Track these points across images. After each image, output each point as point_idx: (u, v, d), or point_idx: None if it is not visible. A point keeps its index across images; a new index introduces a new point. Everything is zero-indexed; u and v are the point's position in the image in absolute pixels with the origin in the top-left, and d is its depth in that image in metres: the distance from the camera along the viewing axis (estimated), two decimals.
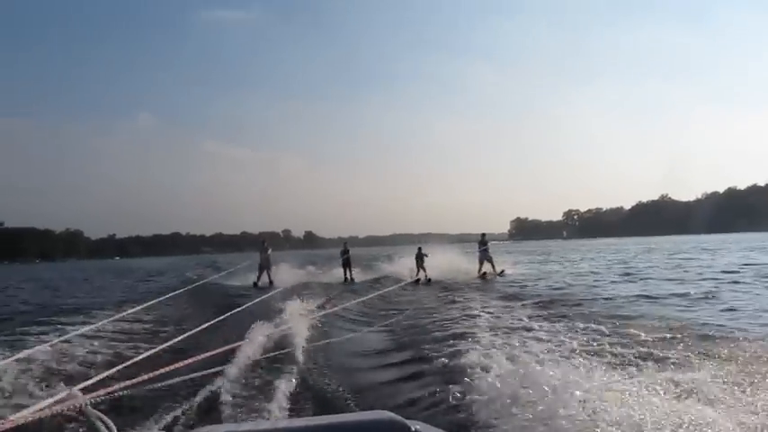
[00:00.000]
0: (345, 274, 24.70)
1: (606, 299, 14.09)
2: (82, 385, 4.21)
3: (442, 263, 25.29)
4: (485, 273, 23.12)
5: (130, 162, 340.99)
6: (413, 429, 1.96)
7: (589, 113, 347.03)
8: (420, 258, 23.20)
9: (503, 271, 23.45)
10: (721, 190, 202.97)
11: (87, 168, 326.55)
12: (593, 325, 9.29)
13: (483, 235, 24.30)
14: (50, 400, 3.36)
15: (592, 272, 24.44)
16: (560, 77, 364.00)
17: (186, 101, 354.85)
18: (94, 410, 3.03)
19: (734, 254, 34.39)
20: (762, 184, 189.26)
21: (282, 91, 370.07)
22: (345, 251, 25.18)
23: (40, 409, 3.21)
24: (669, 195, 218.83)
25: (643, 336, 8.25)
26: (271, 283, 21.95)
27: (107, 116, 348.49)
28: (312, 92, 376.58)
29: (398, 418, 2.01)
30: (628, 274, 21.57)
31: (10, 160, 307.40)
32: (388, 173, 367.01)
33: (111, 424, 2.79)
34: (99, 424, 2.78)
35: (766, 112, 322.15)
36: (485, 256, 23.62)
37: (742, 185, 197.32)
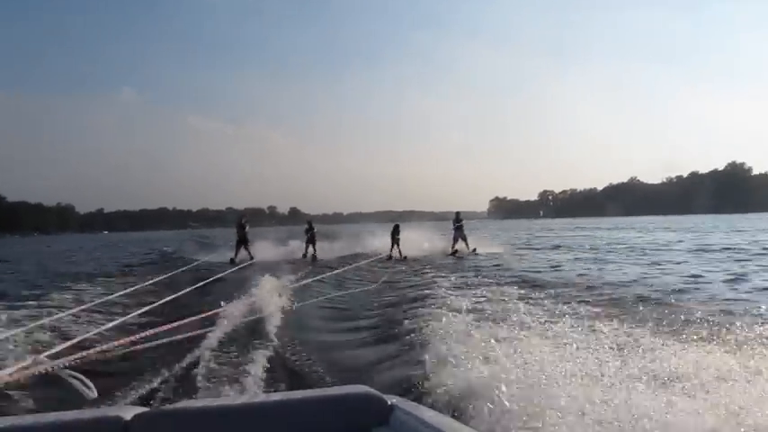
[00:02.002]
0: (306, 251, 23.90)
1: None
2: (54, 350, 4.34)
3: (418, 240, 25.37)
4: (456, 250, 23.26)
5: (115, 136, 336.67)
6: (389, 403, 1.98)
7: (573, 94, 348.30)
8: (395, 235, 23.26)
9: (474, 249, 23.41)
10: (685, 174, 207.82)
11: (72, 142, 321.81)
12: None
13: (458, 213, 24.08)
14: (16, 366, 3.39)
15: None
16: (546, 58, 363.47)
17: (170, 75, 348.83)
18: (68, 371, 3.14)
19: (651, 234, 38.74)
20: (720, 168, 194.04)
21: (267, 67, 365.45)
22: (310, 228, 24.34)
23: (8, 375, 3.31)
24: (638, 178, 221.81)
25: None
26: (251, 258, 21.41)
27: (90, 90, 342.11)
28: (298, 68, 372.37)
29: (375, 391, 2.02)
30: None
31: None
32: (374, 150, 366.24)
33: (89, 381, 2.89)
34: (75, 382, 2.88)
35: (746, 96, 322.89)
36: (459, 235, 23.63)
37: (706, 169, 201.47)
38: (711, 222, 63.71)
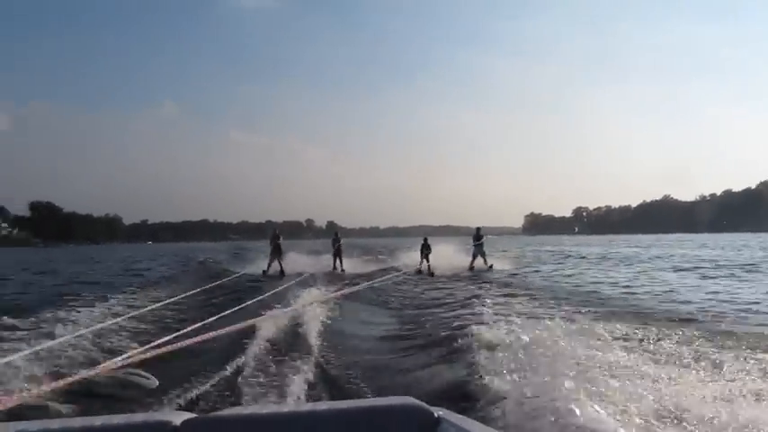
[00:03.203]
0: (334, 264, 23.63)
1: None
2: (112, 360, 4.53)
3: (446, 256, 25.44)
4: (473, 267, 23.18)
5: (157, 150, 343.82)
6: (436, 416, 1.92)
7: (609, 111, 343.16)
8: (425, 250, 23.22)
9: (491, 266, 23.19)
10: (719, 192, 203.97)
11: (117, 155, 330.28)
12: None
13: (478, 229, 23.94)
14: (99, 367, 3.67)
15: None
16: (583, 75, 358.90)
17: (210, 90, 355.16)
18: (127, 369, 3.36)
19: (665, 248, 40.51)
20: (753, 186, 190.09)
21: (306, 82, 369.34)
22: (336, 240, 24.02)
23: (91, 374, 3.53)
24: (671, 195, 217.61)
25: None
26: (282, 272, 21.28)
27: (132, 104, 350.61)
28: (336, 82, 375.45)
29: (422, 403, 1.96)
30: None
31: (39, 143, 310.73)
32: (411, 165, 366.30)
33: (148, 374, 3.11)
34: (136, 378, 3.12)
35: None
36: (478, 251, 23.54)
37: (739, 188, 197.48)
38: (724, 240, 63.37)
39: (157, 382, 3.07)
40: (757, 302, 11.96)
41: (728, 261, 26.51)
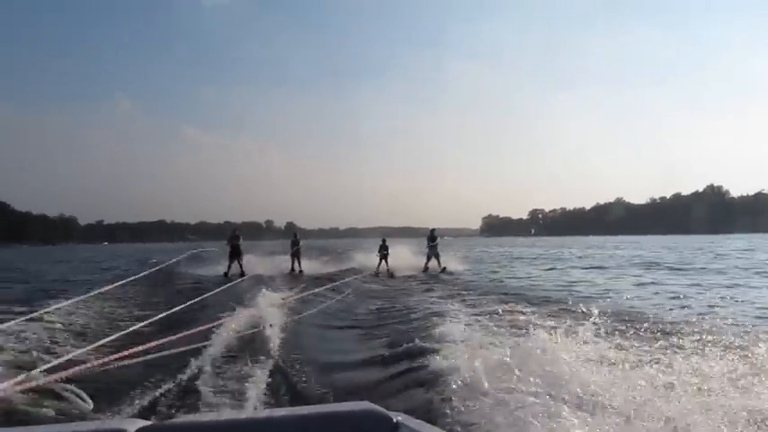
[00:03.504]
0: (293, 265, 23.52)
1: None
2: (49, 365, 4.31)
3: (404, 257, 25.67)
4: (428, 268, 23.38)
5: (112, 148, 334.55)
6: (394, 421, 1.89)
7: (566, 115, 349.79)
8: (383, 251, 23.38)
9: (444, 268, 23.37)
10: (668, 195, 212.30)
11: (69, 152, 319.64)
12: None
13: (432, 231, 24.10)
14: (9, 382, 3.29)
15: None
16: (542, 79, 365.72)
17: (166, 87, 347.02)
18: (63, 385, 3.12)
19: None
20: (701, 190, 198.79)
21: (267, 81, 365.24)
22: (296, 241, 23.81)
23: (4, 390, 3.19)
24: (624, 198, 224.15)
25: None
26: (243, 273, 20.49)
27: (87, 101, 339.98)
28: (297, 83, 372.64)
29: (380, 408, 1.93)
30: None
31: None
32: (370, 166, 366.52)
33: (84, 394, 2.84)
34: (70, 396, 2.88)
35: (729, 119, 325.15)
36: (432, 253, 23.67)
37: (688, 191, 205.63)
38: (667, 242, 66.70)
39: (91, 406, 2.93)
40: (612, 290, 15.60)
41: (634, 259, 31.29)
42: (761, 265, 24.86)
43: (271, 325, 8.44)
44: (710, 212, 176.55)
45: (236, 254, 21.61)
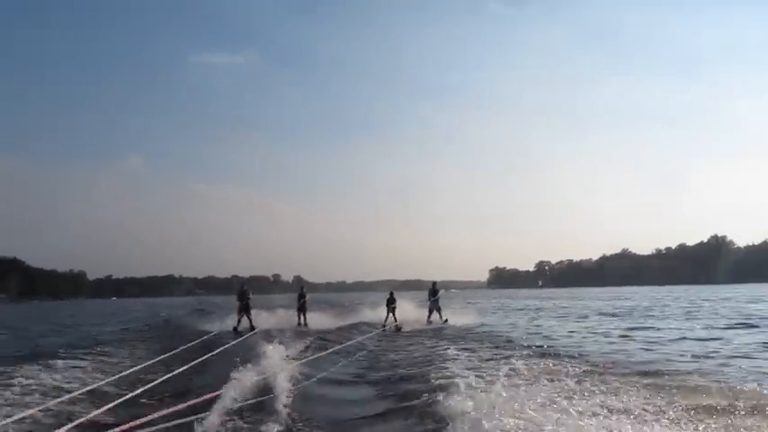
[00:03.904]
0: (299, 319, 23.52)
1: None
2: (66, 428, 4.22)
3: (405, 310, 25.64)
4: (431, 321, 23.67)
5: (121, 204, 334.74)
6: None
7: (572, 165, 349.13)
8: (390, 304, 23.32)
9: (446, 320, 23.79)
10: (674, 246, 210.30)
11: (79, 209, 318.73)
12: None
13: (434, 284, 24.39)
14: None
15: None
16: (549, 128, 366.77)
17: (175, 143, 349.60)
18: None
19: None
20: (705, 240, 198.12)
21: (273, 135, 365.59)
22: (302, 295, 23.86)
23: None
24: (630, 249, 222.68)
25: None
26: (252, 328, 20.91)
27: (96, 158, 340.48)
28: (303, 137, 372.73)
29: None
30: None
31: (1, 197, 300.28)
32: (378, 219, 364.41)
33: None
34: None
35: (734, 167, 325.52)
36: (434, 306, 24.01)
37: (693, 242, 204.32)
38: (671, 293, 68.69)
39: None
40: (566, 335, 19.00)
41: (618, 309, 34.80)
42: (704, 312, 28.97)
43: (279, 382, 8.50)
44: (715, 263, 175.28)
45: (245, 308, 21.62)
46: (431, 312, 23.93)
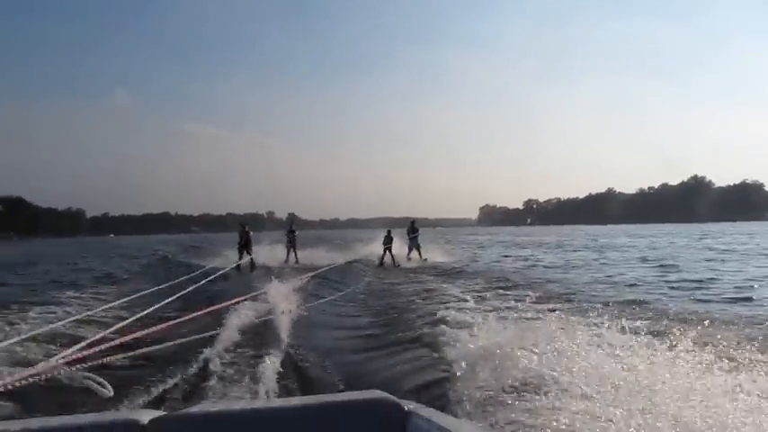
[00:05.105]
0: (287, 255, 23.31)
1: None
2: (67, 352, 4.22)
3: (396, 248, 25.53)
4: (410, 258, 23.37)
5: (112, 141, 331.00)
6: (406, 409, 1.90)
7: (560, 106, 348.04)
8: (388, 242, 23.09)
9: (426, 259, 23.36)
10: (656, 185, 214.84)
11: (71, 147, 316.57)
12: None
13: (412, 222, 24.10)
14: (30, 370, 3.23)
15: None
16: (536, 68, 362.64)
17: (164, 81, 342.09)
18: (83, 373, 3.08)
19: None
20: (685, 180, 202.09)
21: (266, 74, 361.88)
22: (291, 231, 23.52)
23: (23, 378, 3.09)
24: (614, 188, 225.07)
25: None
26: (253, 265, 20.92)
27: (86, 95, 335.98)
28: (296, 76, 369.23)
29: (392, 397, 1.94)
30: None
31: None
32: (371, 158, 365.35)
33: (104, 381, 2.85)
34: (90, 383, 2.85)
35: (716, 108, 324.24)
36: (413, 244, 23.68)
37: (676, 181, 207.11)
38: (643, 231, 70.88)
39: (112, 393, 2.89)
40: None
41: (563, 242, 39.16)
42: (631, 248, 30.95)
43: (282, 312, 8.51)
44: (694, 203, 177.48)
45: (246, 246, 21.65)
46: (410, 250, 23.64)
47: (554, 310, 8.50)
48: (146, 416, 1.84)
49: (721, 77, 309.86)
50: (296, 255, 23.53)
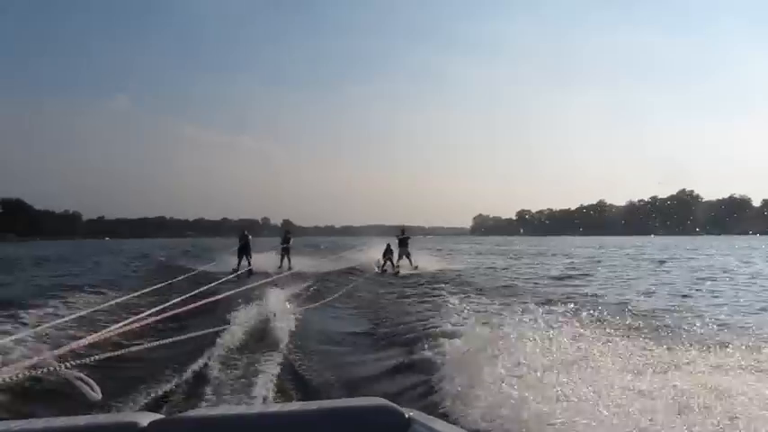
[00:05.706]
0: (281, 262, 23.30)
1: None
2: (60, 351, 4.15)
3: (373, 256, 25.12)
4: (399, 266, 22.80)
5: (109, 144, 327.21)
6: (407, 416, 1.87)
7: (558, 116, 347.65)
8: (388, 254, 23.08)
9: (416, 266, 23.10)
10: (646, 198, 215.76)
11: (66, 149, 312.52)
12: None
13: (402, 230, 23.84)
14: (21, 364, 3.14)
15: None
16: (542, 78, 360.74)
17: (163, 84, 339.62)
18: (73, 372, 2.84)
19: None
20: (675, 192, 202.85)
21: (264, 77, 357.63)
22: (286, 239, 23.70)
23: (13, 373, 3.00)
24: (606, 200, 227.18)
25: None
26: (250, 271, 20.89)
27: (84, 96, 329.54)
28: (295, 79, 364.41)
29: (393, 404, 1.91)
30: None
31: None
32: (368, 164, 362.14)
33: (93, 383, 2.74)
34: (79, 384, 2.75)
35: (733, 122, 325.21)
36: (404, 252, 23.37)
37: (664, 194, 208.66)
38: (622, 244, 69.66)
39: (100, 396, 2.81)
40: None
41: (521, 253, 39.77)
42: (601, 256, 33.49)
43: (275, 314, 8.52)
44: (682, 216, 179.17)
45: (245, 251, 21.85)
46: (399, 257, 23.24)
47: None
48: (145, 418, 1.83)
49: (717, 90, 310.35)
50: (290, 261, 23.50)
